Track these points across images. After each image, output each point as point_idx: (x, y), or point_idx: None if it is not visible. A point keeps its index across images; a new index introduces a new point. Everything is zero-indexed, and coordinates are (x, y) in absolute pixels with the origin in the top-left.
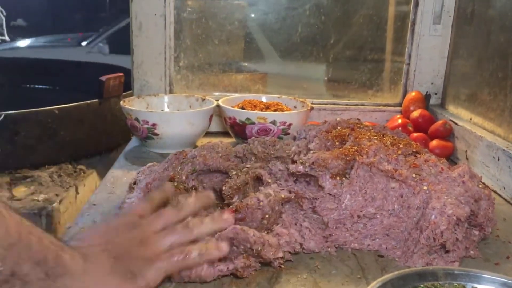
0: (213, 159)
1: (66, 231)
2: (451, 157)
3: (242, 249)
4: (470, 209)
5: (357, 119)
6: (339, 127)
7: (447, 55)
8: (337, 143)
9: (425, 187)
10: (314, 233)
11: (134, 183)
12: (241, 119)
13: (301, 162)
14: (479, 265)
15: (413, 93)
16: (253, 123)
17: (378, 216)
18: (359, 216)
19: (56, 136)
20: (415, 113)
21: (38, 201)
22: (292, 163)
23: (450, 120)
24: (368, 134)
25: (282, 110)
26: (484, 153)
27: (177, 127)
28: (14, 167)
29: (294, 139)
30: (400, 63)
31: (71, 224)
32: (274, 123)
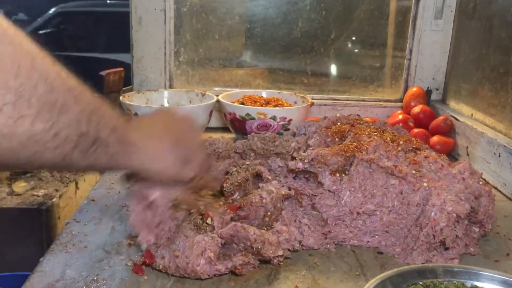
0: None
1: (64, 227)
2: (452, 153)
3: (242, 246)
4: (470, 206)
5: (357, 115)
6: (338, 123)
7: (448, 50)
8: (336, 139)
9: (425, 184)
10: (314, 229)
11: None
12: (241, 114)
13: (300, 159)
14: (479, 262)
15: (414, 89)
16: (253, 118)
17: (378, 213)
18: (358, 213)
19: None
20: (416, 109)
21: (38, 196)
22: (292, 159)
23: (451, 116)
24: (368, 130)
25: (282, 105)
26: (485, 149)
27: None
28: None
29: (294, 135)
30: (401, 58)
31: (69, 219)
32: (274, 118)
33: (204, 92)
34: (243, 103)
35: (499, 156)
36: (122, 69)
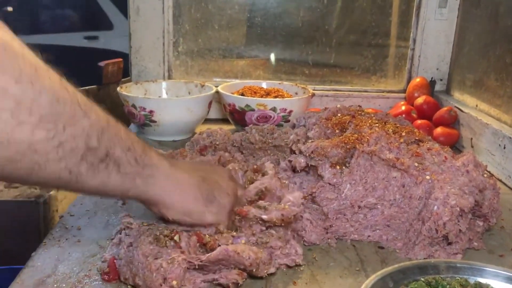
0: None
1: (58, 221)
2: (455, 145)
3: (233, 265)
4: (474, 199)
5: (359, 106)
6: (339, 114)
7: (453, 39)
8: (337, 131)
9: (427, 177)
10: (316, 225)
11: None
12: (240, 105)
13: (300, 152)
14: (483, 257)
15: (417, 79)
16: (253, 110)
17: (379, 207)
18: (359, 207)
19: None
20: (420, 100)
21: (35, 189)
22: (291, 152)
23: (455, 106)
24: (369, 122)
25: (282, 96)
26: (490, 141)
27: (175, 114)
28: None
29: (294, 126)
30: (404, 48)
31: (63, 213)
32: (274, 110)
33: (203, 83)
34: (242, 94)
35: (504, 148)
36: (121, 59)
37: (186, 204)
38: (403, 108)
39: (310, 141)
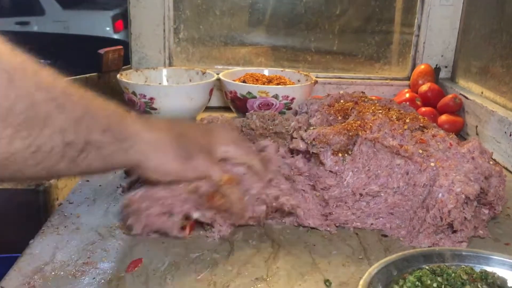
0: None
1: (57, 208)
2: (460, 133)
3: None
4: (479, 186)
5: (362, 92)
6: (342, 101)
7: (458, 26)
8: (339, 118)
9: (432, 164)
10: (313, 212)
11: None
12: (242, 93)
13: (301, 138)
14: (488, 245)
15: (422, 66)
16: (255, 97)
17: (382, 194)
18: (361, 194)
19: None
20: (424, 87)
21: None
22: (291, 139)
23: (460, 94)
24: (373, 108)
25: (285, 84)
26: (495, 128)
27: (175, 101)
28: None
29: (296, 113)
30: (409, 35)
31: (62, 201)
32: (276, 97)
33: (205, 70)
34: (244, 82)
35: (510, 135)
36: (121, 47)
37: (165, 164)
38: (407, 95)
39: (312, 128)
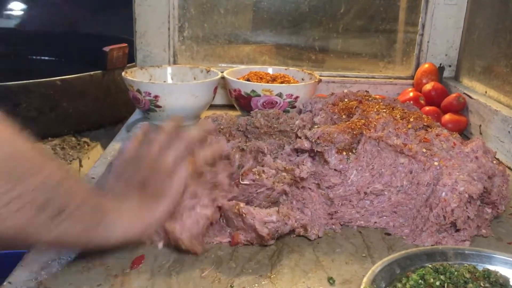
0: None
1: None
2: (464, 132)
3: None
4: (483, 186)
5: (366, 91)
6: (346, 100)
7: (462, 25)
8: (343, 117)
9: (436, 163)
10: (320, 208)
11: None
12: (246, 91)
13: (306, 137)
14: (491, 244)
15: (426, 65)
16: (259, 95)
17: (386, 193)
18: (365, 193)
19: (58, 108)
20: (428, 86)
21: None
22: (296, 137)
23: (464, 93)
24: (377, 107)
25: (289, 82)
26: (499, 128)
27: (180, 99)
28: None
29: (300, 112)
30: (413, 34)
31: None
32: (280, 95)
33: (209, 69)
34: (248, 80)
35: None
36: (126, 45)
37: (145, 223)
38: (411, 94)
39: (316, 126)
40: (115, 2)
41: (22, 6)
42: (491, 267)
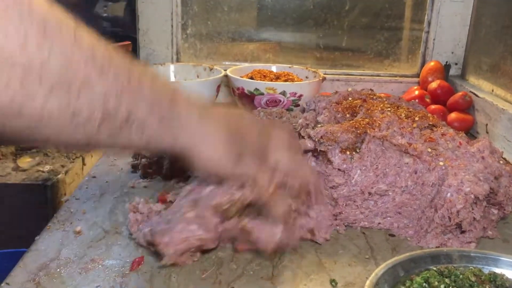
0: None
1: (63, 204)
2: (470, 131)
3: None
4: (489, 186)
5: (370, 89)
6: (350, 98)
7: (469, 22)
8: (347, 115)
9: (441, 163)
10: (325, 209)
11: None
12: (249, 89)
13: (309, 136)
14: (498, 246)
15: (431, 63)
16: (262, 94)
17: (390, 193)
18: (370, 193)
19: None
20: (434, 84)
21: (43, 172)
22: (299, 136)
23: (471, 91)
24: (381, 106)
25: (292, 80)
26: (506, 127)
27: None
28: None
29: (303, 110)
30: (419, 31)
31: (68, 197)
32: (283, 94)
33: (212, 67)
34: (252, 78)
35: None
36: (130, 42)
37: (215, 157)
38: (416, 93)
39: (319, 125)
40: None
41: None
42: (497, 270)
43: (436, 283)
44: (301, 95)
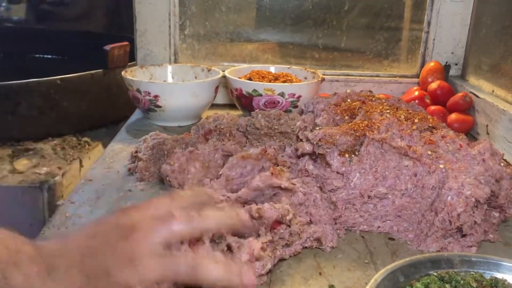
0: None
1: (58, 209)
2: (471, 132)
3: None
4: (490, 189)
5: (369, 91)
6: (349, 100)
7: (469, 22)
8: (346, 117)
9: (441, 166)
10: (325, 214)
11: (136, 151)
12: (247, 90)
13: (307, 139)
14: (499, 249)
15: (431, 64)
16: (260, 95)
17: (390, 196)
18: (369, 196)
19: (59, 107)
20: (433, 85)
21: (40, 174)
22: (297, 139)
23: (471, 92)
24: (380, 108)
25: (291, 81)
26: (506, 128)
27: (180, 99)
28: (16, 139)
29: (302, 112)
30: (418, 31)
31: (63, 201)
32: (282, 95)
33: (210, 67)
34: (250, 79)
35: None
36: (128, 43)
37: None
38: (416, 93)
39: (318, 128)
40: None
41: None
42: (499, 275)
43: None
44: (299, 96)
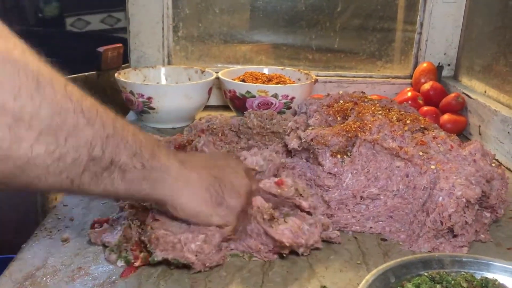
0: None
1: (51, 211)
2: (463, 132)
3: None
4: (481, 190)
5: (362, 92)
6: (341, 101)
7: (461, 23)
8: (338, 119)
9: (432, 166)
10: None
11: None
12: (241, 92)
13: (299, 138)
14: (490, 249)
15: (424, 64)
16: (254, 96)
17: (382, 197)
18: (361, 197)
19: None
20: (426, 86)
21: None
22: None
23: (463, 93)
24: (373, 109)
25: (284, 82)
26: (498, 128)
27: (173, 101)
28: None
29: (295, 113)
30: (411, 32)
31: (56, 203)
32: (275, 96)
33: (204, 69)
34: (243, 80)
35: None
36: (121, 45)
37: (194, 206)
38: (409, 94)
39: (310, 128)
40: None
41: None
42: (490, 275)
43: None
44: (293, 98)
